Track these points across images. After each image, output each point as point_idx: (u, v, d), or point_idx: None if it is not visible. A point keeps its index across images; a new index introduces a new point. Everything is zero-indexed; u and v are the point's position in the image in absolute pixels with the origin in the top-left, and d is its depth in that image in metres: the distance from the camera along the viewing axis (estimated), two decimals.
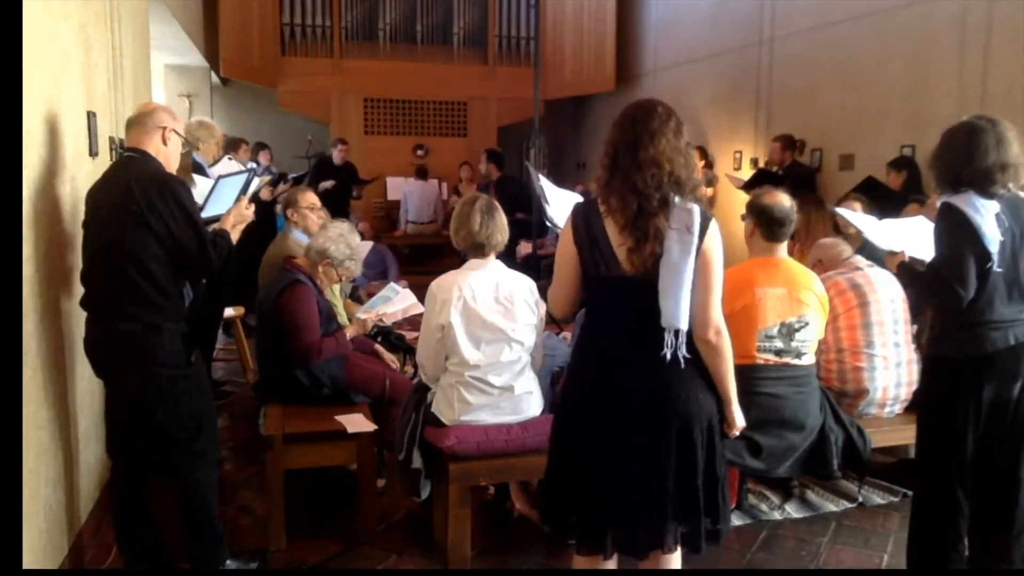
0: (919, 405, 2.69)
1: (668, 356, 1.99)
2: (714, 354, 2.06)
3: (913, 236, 2.91)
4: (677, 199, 1.98)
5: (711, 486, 2.11)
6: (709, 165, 7.61)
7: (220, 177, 3.08)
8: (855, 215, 3.26)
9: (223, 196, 2.89)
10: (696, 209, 1.98)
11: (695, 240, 1.95)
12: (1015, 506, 2.55)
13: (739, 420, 2.17)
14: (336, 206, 7.01)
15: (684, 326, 1.97)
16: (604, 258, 2.04)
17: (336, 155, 8.31)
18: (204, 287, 3.03)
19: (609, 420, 2.07)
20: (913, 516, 2.68)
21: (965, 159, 2.39)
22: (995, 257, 2.36)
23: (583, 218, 2.08)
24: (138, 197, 2.38)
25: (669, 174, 1.98)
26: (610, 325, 2.10)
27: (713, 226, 2.02)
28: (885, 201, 4.06)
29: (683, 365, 2.01)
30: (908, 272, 2.70)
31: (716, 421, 2.12)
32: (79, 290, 2.55)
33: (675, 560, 2.22)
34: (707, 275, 2.01)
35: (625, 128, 2.04)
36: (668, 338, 1.98)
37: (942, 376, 2.53)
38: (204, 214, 2.82)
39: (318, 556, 3.01)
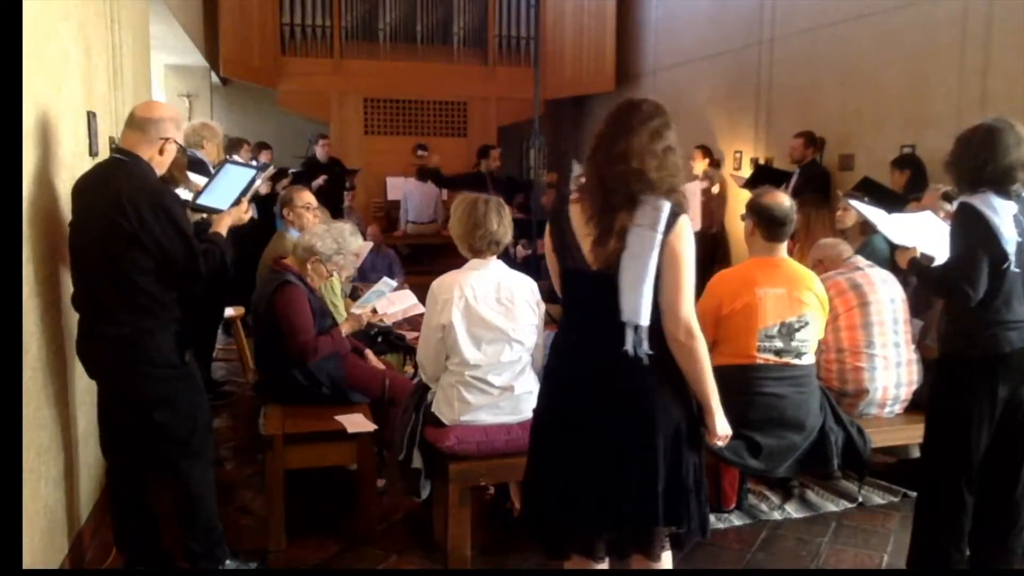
0: (928, 403, 2.69)
1: (629, 352, 1.97)
2: (686, 357, 2.01)
3: (923, 232, 2.91)
4: (652, 197, 1.97)
5: (674, 495, 2.06)
6: (716, 164, 7.60)
7: (228, 161, 2.98)
8: (867, 208, 3.25)
9: (225, 186, 2.78)
10: (666, 206, 1.96)
11: (658, 237, 1.93)
12: (1019, 505, 2.57)
13: (720, 428, 2.10)
14: (331, 203, 7.01)
15: (644, 322, 1.95)
16: (571, 250, 2.06)
17: (319, 151, 8.31)
18: (202, 288, 3.02)
19: (576, 417, 2.07)
20: (917, 513, 2.69)
21: (987, 158, 2.41)
22: (1012, 257, 2.38)
23: (556, 210, 2.13)
24: (129, 213, 2.34)
25: (637, 172, 1.96)
26: (579, 320, 2.12)
27: (682, 223, 1.98)
28: (884, 201, 4.05)
29: (645, 362, 1.98)
30: (919, 269, 2.71)
31: (685, 429, 2.07)
32: None
33: (666, 560, 2.20)
34: (674, 272, 1.97)
35: (607, 123, 2.05)
36: (629, 334, 1.97)
37: (956, 375, 2.54)
38: (201, 200, 2.77)
39: (318, 556, 3.01)
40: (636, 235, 1.94)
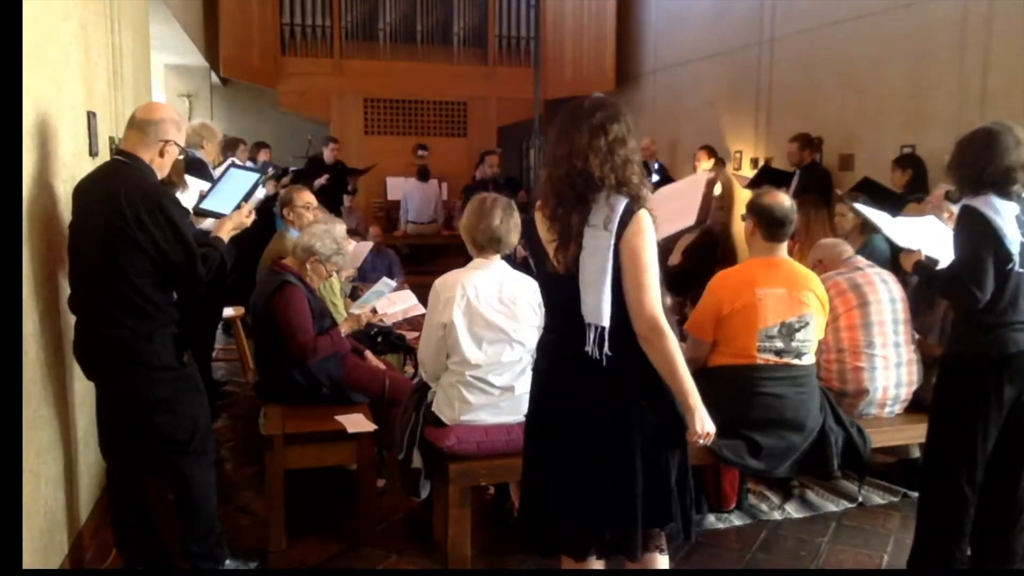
0: (932, 403, 2.70)
1: (591, 353, 1.96)
2: (656, 354, 1.96)
3: (927, 235, 2.92)
4: (603, 195, 1.95)
5: (657, 495, 2.04)
6: (721, 164, 7.59)
7: (233, 165, 2.99)
8: (872, 211, 3.26)
9: (229, 190, 2.79)
10: (621, 204, 1.94)
11: (612, 236, 1.92)
12: (1020, 505, 2.57)
13: (700, 426, 2.01)
14: (330, 204, 7.02)
15: (605, 323, 1.94)
16: (539, 256, 2.09)
17: (327, 154, 8.33)
18: (202, 287, 3.02)
19: (555, 417, 2.09)
20: (920, 513, 2.70)
21: (987, 160, 2.44)
22: (1016, 258, 2.40)
23: (527, 219, 2.17)
24: (128, 216, 2.34)
25: (581, 172, 1.95)
26: (555, 321, 2.16)
27: (639, 218, 1.94)
28: (884, 201, 4.05)
29: (604, 363, 1.96)
30: (925, 272, 2.72)
31: (665, 429, 2.04)
32: None
33: (662, 560, 2.19)
34: (634, 269, 1.93)
35: (554, 127, 2.06)
36: (590, 334, 1.96)
37: (962, 375, 2.55)
38: (204, 204, 2.78)
39: (318, 556, 3.01)
40: (590, 236, 1.94)
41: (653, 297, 1.95)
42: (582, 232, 1.95)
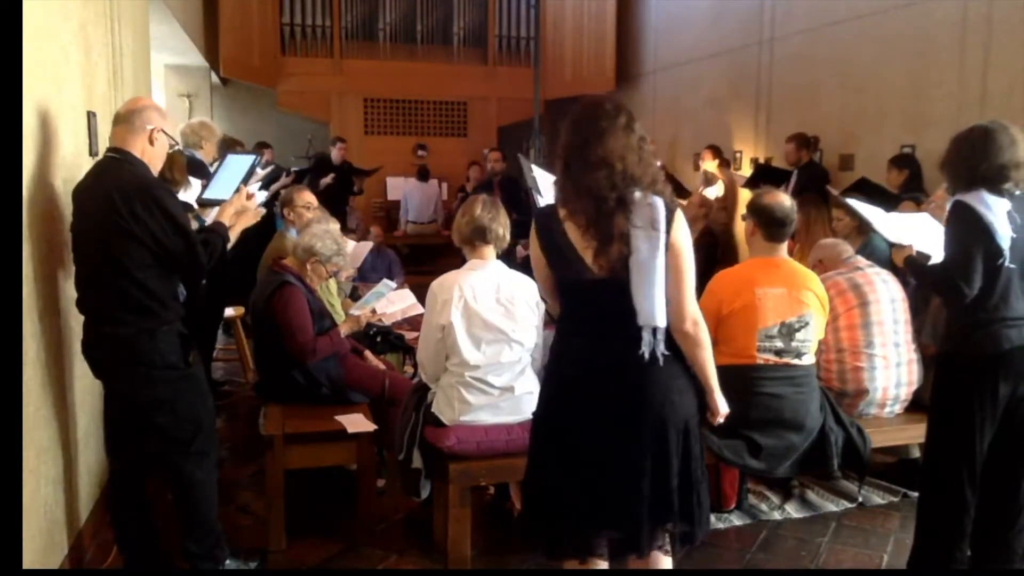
0: (929, 403, 2.70)
1: (647, 355, 1.97)
2: (693, 345, 2.04)
3: (919, 231, 2.92)
4: (637, 195, 1.96)
5: (686, 489, 2.07)
6: (726, 164, 7.57)
7: (230, 153, 3.02)
8: (864, 206, 3.25)
9: (228, 176, 2.82)
10: (659, 203, 1.95)
11: (662, 236, 1.93)
12: (1020, 505, 2.57)
13: (722, 407, 2.16)
14: (335, 204, 7.02)
15: (663, 323, 1.95)
16: (570, 263, 2.03)
17: (335, 153, 8.35)
18: (204, 286, 3.02)
19: (582, 421, 2.06)
20: (920, 514, 2.69)
21: (982, 156, 2.44)
22: (1007, 253, 2.40)
23: (544, 226, 2.09)
24: (122, 210, 2.34)
25: (622, 173, 1.95)
26: (582, 326, 2.10)
27: (679, 218, 1.99)
28: (880, 200, 4.04)
29: (662, 363, 1.98)
30: (915, 267, 2.72)
31: (694, 424, 2.08)
32: None
33: (666, 559, 2.20)
34: (678, 267, 1.99)
35: (574, 130, 2.02)
36: (646, 337, 1.96)
37: (957, 374, 2.55)
38: (207, 194, 2.81)
39: (318, 556, 3.01)
40: (640, 238, 1.93)
41: (693, 292, 2.03)
42: (627, 233, 1.93)
